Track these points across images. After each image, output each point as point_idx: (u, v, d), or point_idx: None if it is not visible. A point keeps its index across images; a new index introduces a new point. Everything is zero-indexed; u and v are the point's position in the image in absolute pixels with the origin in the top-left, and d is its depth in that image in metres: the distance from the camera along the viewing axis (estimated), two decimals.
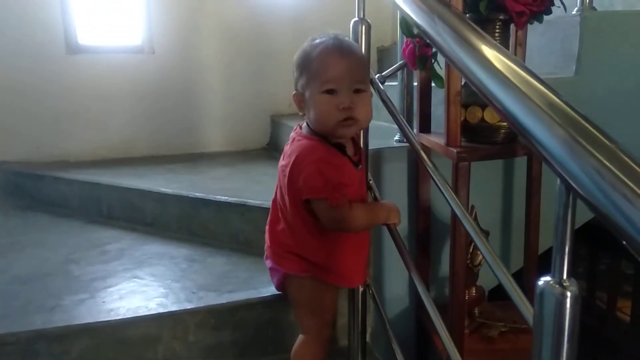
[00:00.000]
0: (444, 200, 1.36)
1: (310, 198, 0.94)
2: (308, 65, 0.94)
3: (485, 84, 0.58)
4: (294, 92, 0.98)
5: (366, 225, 1.04)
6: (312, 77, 0.93)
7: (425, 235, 1.37)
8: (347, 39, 0.98)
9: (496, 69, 0.58)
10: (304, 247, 1.01)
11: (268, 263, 1.08)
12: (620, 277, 1.95)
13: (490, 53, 0.59)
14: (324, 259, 1.01)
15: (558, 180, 0.49)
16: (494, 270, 0.70)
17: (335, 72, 0.91)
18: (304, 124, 1.01)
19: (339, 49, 0.93)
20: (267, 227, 1.10)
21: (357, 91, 0.93)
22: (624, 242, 0.44)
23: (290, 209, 0.99)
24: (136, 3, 2.45)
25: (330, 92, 0.91)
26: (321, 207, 0.93)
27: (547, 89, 0.53)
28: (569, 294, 0.50)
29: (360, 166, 1.03)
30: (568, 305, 0.50)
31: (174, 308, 1.22)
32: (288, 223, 1.01)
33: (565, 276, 0.51)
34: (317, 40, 0.95)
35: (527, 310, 0.60)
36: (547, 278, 0.52)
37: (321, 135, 0.96)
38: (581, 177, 0.47)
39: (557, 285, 0.51)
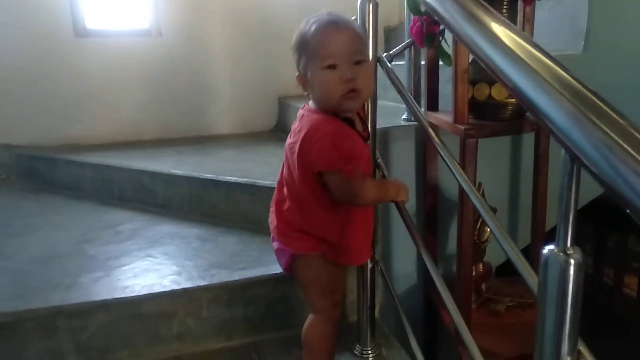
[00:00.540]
0: (451, 178, 1.38)
1: (324, 170, 0.94)
2: (306, 45, 0.95)
3: (493, 59, 0.59)
4: (297, 74, 0.99)
5: (376, 200, 1.05)
6: (312, 56, 0.94)
7: (433, 213, 1.39)
8: (340, 14, 0.98)
9: (504, 45, 0.59)
10: (315, 223, 1.01)
11: (275, 245, 1.07)
12: (627, 254, 1.96)
13: (498, 29, 0.60)
14: (336, 234, 1.02)
15: (563, 151, 0.51)
16: (501, 244, 0.71)
17: (333, 47, 0.92)
18: (310, 102, 1.02)
19: (334, 24, 0.94)
20: (272, 209, 1.09)
21: (357, 62, 0.94)
22: (628, 211, 0.46)
23: (300, 185, 0.99)
24: None
25: (331, 67, 0.92)
26: (335, 178, 0.94)
27: (554, 63, 0.54)
28: (572, 261, 0.52)
29: (368, 141, 1.05)
30: (572, 272, 0.52)
31: (187, 285, 1.25)
32: (297, 200, 1.01)
33: (569, 244, 0.52)
34: (312, 20, 0.96)
35: (532, 279, 0.61)
36: (552, 247, 0.53)
37: (329, 112, 0.97)
38: (586, 147, 0.48)
39: (561, 253, 0.53)
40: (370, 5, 1.06)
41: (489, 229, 1.26)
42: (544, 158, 1.28)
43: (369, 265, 1.20)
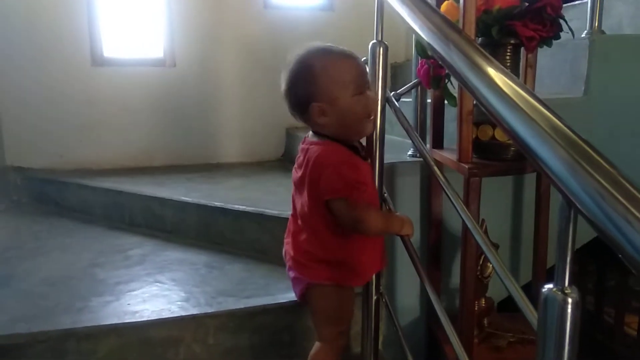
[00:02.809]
0: (455, 214, 1.41)
1: (330, 198, 0.99)
2: (332, 75, 0.99)
3: (495, 107, 0.64)
4: (314, 103, 0.99)
5: (381, 230, 1.08)
6: (341, 85, 0.99)
7: (437, 247, 1.42)
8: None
9: (505, 94, 0.63)
10: (328, 248, 1.05)
11: (291, 274, 1.11)
12: (628, 293, 1.97)
13: (500, 79, 0.65)
14: (348, 254, 1.06)
15: (560, 197, 0.55)
16: (502, 280, 0.75)
17: (356, 74, 1.01)
18: (311, 134, 1.08)
19: (347, 54, 1.02)
20: (288, 239, 1.13)
21: (368, 89, 1.04)
22: (621, 256, 0.50)
23: (312, 214, 1.03)
24: (158, 17, 2.54)
25: (359, 93, 1.00)
26: (340, 206, 0.98)
27: (551, 113, 0.58)
28: (570, 300, 0.55)
29: (369, 160, 1.12)
30: (569, 310, 0.55)
31: (195, 311, 1.27)
32: (311, 228, 1.06)
33: (567, 284, 0.56)
34: (313, 51, 1.02)
35: (532, 315, 0.64)
36: (551, 285, 0.57)
37: (334, 139, 1.03)
38: (581, 195, 0.52)
39: (559, 292, 0.56)
40: (381, 48, 1.12)
41: (491, 265, 1.28)
42: (545, 198, 1.32)
43: (374, 297, 1.22)
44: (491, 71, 0.67)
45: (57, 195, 2.25)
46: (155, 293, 1.38)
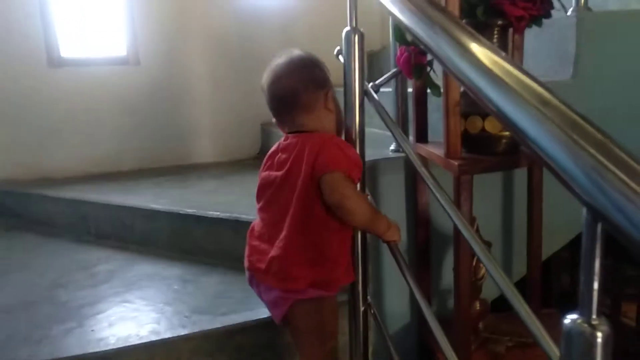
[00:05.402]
0: (443, 212, 1.31)
1: (328, 171, 0.92)
2: (328, 78, 1.04)
3: (498, 103, 0.54)
4: (327, 90, 1.03)
5: (366, 221, 0.98)
6: (330, 85, 1.04)
7: (425, 248, 1.33)
8: None
9: (511, 88, 0.53)
10: (318, 242, 0.96)
11: (273, 294, 0.99)
12: (623, 280, 1.92)
13: (503, 69, 0.54)
14: (340, 250, 1.01)
15: (584, 210, 0.45)
16: (511, 301, 0.65)
17: None
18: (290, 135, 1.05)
19: None
20: (263, 248, 1.02)
21: None
22: None
23: (305, 200, 0.95)
24: (120, 14, 2.38)
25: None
26: (334, 179, 0.92)
27: (567, 107, 0.48)
28: (599, 334, 0.46)
29: None
30: (599, 347, 0.46)
31: (166, 335, 1.16)
32: (304, 227, 0.96)
33: (594, 314, 0.46)
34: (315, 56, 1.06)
35: (548, 346, 0.55)
36: (575, 316, 0.47)
37: None
38: (609, 207, 0.42)
39: (585, 325, 0.46)
40: (356, 36, 1.01)
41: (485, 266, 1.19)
42: (538, 190, 1.23)
43: (362, 308, 1.13)
44: (491, 59, 0.56)
45: (17, 207, 2.10)
46: (122, 315, 1.26)
